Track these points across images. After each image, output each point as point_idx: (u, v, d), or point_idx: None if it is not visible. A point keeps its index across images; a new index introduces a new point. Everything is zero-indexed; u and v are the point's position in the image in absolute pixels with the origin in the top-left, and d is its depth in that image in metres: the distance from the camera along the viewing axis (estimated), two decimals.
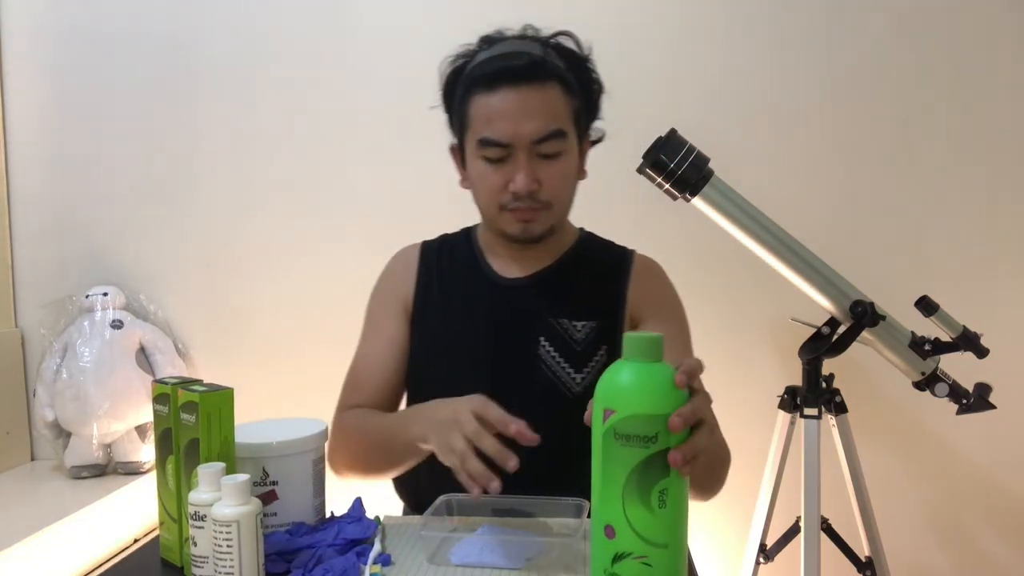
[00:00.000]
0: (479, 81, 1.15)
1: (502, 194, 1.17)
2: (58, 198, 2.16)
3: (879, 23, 1.95)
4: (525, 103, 1.13)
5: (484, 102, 1.15)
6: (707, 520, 1.98)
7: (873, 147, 1.97)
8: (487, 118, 1.14)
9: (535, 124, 1.13)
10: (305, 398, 1.66)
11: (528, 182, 1.14)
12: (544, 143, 1.14)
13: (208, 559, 0.86)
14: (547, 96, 1.14)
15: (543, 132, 1.13)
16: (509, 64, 1.14)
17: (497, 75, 1.14)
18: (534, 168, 1.15)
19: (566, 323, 1.22)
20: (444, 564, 0.94)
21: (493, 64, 1.15)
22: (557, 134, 1.14)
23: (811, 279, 1.51)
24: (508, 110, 1.13)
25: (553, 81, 1.15)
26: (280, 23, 2.09)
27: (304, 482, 1.02)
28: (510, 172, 1.15)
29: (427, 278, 1.32)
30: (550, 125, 1.14)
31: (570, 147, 1.18)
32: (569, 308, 1.23)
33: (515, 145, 1.14)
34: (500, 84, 1.13)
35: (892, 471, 1.99)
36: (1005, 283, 1.96)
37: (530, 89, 1.13)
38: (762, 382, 1.95)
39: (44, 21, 2.14)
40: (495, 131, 1.14)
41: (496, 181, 1.17)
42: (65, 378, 1.96)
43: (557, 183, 1.18)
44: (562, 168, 1.18)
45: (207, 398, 0.92)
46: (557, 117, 1.15)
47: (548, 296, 1.24)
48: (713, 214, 1.46)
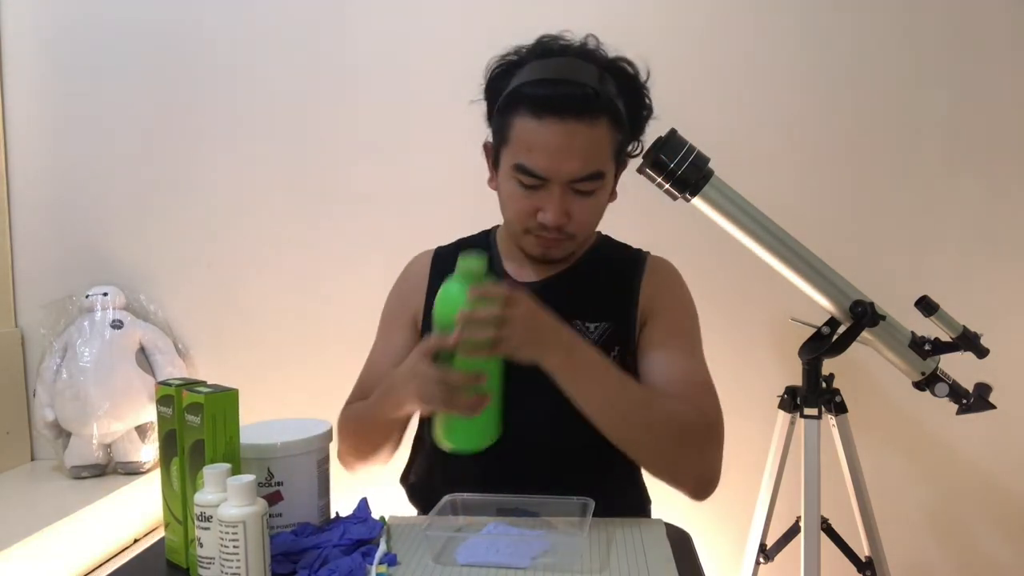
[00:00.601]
0: (526, 102, 1.10)
1: (529, 219, 1.15)
2: (58, 198, 2.16)
3: (879, 23, 1.95)
4: (570, 141, 1.08)
5: (528, 127, 1.10)
6: (707, 520, 1.99)
7: (873, 147, 1.97)
8: (528, 145, 1.10)
9: (576, 164, 1.10)
10: (305, 398, 1.66)
11: (559, 217, 1.12)
12: (581, 183, 1.12)
13: (214, 560, 0.86)
14: (593, 135, 1.10)
15: (583, 173, 1.11)
16: (560, 93, 1.08)
17: (546, 104, 1.08)
18: (567, 202, 1.13)
19: (579, 324, 1.21)
20: (450, 564, 0.94)
21: (544, 89, 1.10)
22: (596, 176, 1.12)
23: (811, 279, 1.51)
24: (551, 145, 1.09)
25: (603, 116, 1.10)
26: (280, 23, 2.09)
27: (309, 483, 1.03)
28: (541, 201, 1.13)
29: (438, 284, 1.32)
30: (591, 167, 1.11)
31: (607, 183, 1.16)
32: (583, 310, 1.23)
33: (552, 180, 1.11)
34: (547, 114, 1.08)
35: (892, 471, 2.00)
36: (1005, 283, 1.96)
37: (578, 125, 1.08)
38: (762, 382, 1.95)
39: (44, 21, 2.14)
40: (533, 162, 1.10)
41: (526, 206, 1.15)
42: (65, 378, 1.96)
43: (587, 218, 1.17)
44: (595, 204, 1.16)
45: (212, 399, 0.92)
46: (599, 158, 1.12)
47: (562, 298, 1.22)
48: (713, 214, 1.47)
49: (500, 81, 1.18)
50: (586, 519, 0.99)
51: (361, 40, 2.07)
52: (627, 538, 1.03)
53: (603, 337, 1.22)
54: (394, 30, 2.06)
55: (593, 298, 1.25)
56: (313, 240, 2.11)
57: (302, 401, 2.01)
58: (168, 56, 2.12)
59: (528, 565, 0.92)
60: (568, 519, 1.03)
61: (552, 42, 1.17)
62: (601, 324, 1.22)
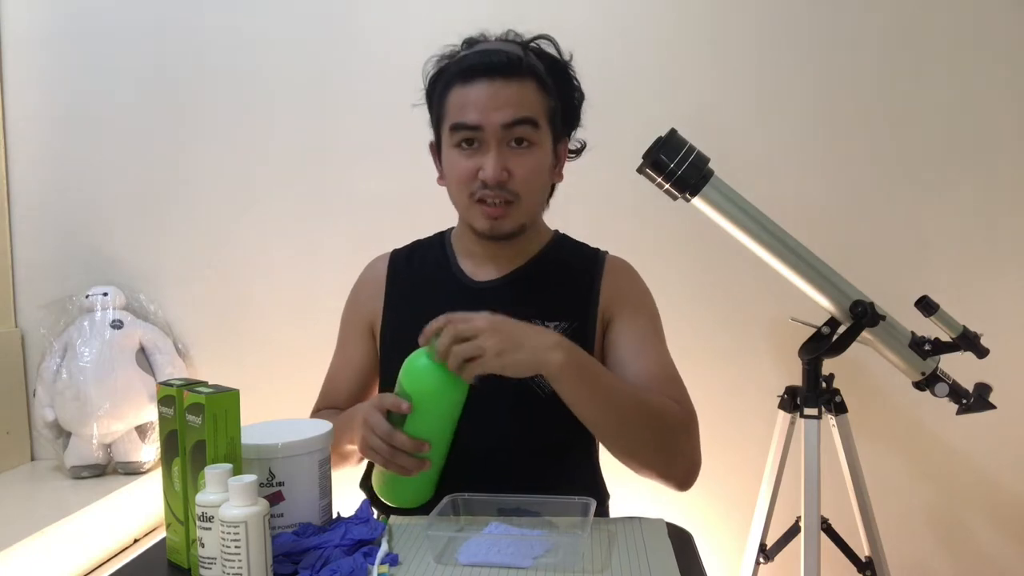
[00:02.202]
0: (457, 75, 1.17)
1: (472, 182, 1.18)
2: (58, 198, 2.16)
3: (879, 23, 1.96)
4: (497, 93, 1.15)
5: (459, 93, 1.17)
6: (708, 519, 1.99)
7: (873, 147, 1.97)
8: (461, 106, 1.16)
9: (506, 111, 1.14)
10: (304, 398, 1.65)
11: (497, 170, 1.15)
12: (514, 128, 1.15)
13: (216, 560, 0.86)
14: (522, 89, 1.16)
15: (513, 117, 1.14)
16: (486, 60, 1.16)
17: (473, 69, 1.16)
18: (504, 158, 1.16)
19: (539, 323, 1.20)
20: (451, 564, 0.94)
21: (470, 59, 1.18)
22: (527, 120, 1.15)
23: (811, 279, 1.51)
24: (481, 98, 1.15)
25: (529, 79, 1.17)
26: (279, 23, 2.09)
27: (310, 483, 1.02)
28: (481, 160, 1.16)
29: (396, 289, 1.34)
30: (521, 112, 1.15)
31: (542, 139, 1.18)
32: (542, 309, 1.23)
33: (485, 129, 1.14)
34: (476, 77, 1.15)
35: (892, 471, 2.00)
36: (1005, 283, 1.96)
37: (505, 82, 1.15)
38: (762, 382, 1.95)
39: (44, 22, 2.14)
40: (467, 116, 1.15)
41: (467, 168, 1.17)
42: (65, 378, 1.96)
43: (527, 174, 1.17)
44: (533, 160, 1.18)
45: (213, 400, 0.92)
46: (529, 107, 1.16)
47: (520, 297, 1.25)
48: (713, 214, 1.47)
49: (435, 80, 1.24)
50: (587, 519, 0.99)
51: (362, 40, 2.07)
52: (628, 538, 1.03)
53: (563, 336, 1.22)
54: (395, 30, 2.06)
55: (552, 297, 1.25)
56: (313, 240, 2.11)
57: (303, 401, 2.00)
58: (168, 56, 2.12)
59: (530, 565, 0.92)
60: (569, 519, 1.04)
61: (478, 37, 1.25)
62: (560, 324, 1.23)
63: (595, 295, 1.26)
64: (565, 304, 1.25)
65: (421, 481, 1.07)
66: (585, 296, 1.26)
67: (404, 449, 1.02)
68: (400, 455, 1.02)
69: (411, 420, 1.02)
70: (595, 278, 1.27)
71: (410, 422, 1.02)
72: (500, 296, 1.25)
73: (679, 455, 1.14)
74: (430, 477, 1.08)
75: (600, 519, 1.04)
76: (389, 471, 1.06)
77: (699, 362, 1.84)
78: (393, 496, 1.10)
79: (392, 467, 1.03)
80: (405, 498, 1.10)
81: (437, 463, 1.07)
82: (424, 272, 1.33)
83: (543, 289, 1.26)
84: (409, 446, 1.02)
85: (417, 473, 1.03)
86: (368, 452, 1.05)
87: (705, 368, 1.91)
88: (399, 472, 1.04)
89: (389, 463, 1.03)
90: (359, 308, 1.38)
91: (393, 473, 1.06)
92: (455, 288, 1.28)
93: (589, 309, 1.25)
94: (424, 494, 1.10)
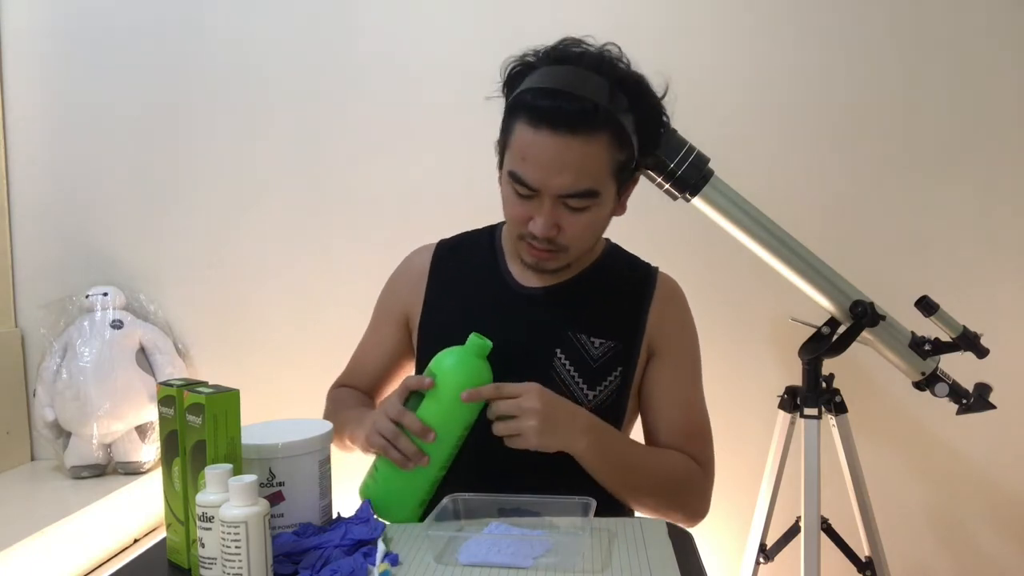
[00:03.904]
0: (525, 111, 1.08)
1: (522, 226, 1.14)
2: (58, 198, 2.16)
3: (879, 23, 1.96)
4: (562, 155, 1.06)
5: (524, 136, 1.08)
6: (707, 520, 1.98)
7: (873, 147, 1.97)
8: (523, 154, 1.08)
9: (566, 179, 1.07)
10: (305, 398, 1.66)
11: (547, 229, 1.11)
12: (572, 199, 1.09)
13: (216, 560, 0.86)
14: (588, 151, 1.06)
15: (572, 190, 1.08)
16: (558, 106, 1.05)
17: (543, 115, 1.05)
18: (558, 215, 1.10)
19: (583, 338, 1.21)
20: (451, 564, 0.94)
21: (544, 100, 1.06)
22: (588, 193, 1.09)
23: (811, 279, 1.51)
24: (542, 157, 1.06)
25: (602, 133, 1.06)
26: (280, 22, 2.09)
27: (311, 483, 1.02)
28: (533, 210, 1.11)
29: (438, 281, 1.32)
30: (581, 184, 1.08)
31: (603, 200, 1.12)
32: (588, 323, 1.22)
33: (542, 192, 1.09)
34: (543, 125, 1.05)
35: (892, 471, 2.00)
36: (1005, 283, 1.96)
37: (572, 140, 1.05)
38: (762, 382, 1.95)
39: (44, 21, 2.14)
40: (525, 172, 1.08)
41: (519, 213, 1.13)
42: (65, 378, 1.96)
43: (578, 232, 1.13)
44: (587, 220, 1.13)
45: (213, 400, 0.92)
46: (593, 175, 1.08)
47: (568, 308, 1.22)
48: (713, 214, 1.47)
49: (514, 82, 1.15)
50: (588, 519, 0.99)
51: (364, 40, 2.07)
52: (629, 538, 1.03)
53: (607, 355, 1.21)
54: (397, 29, 2.06)
55: (598, 312, 1.23)
56: (314, 240, 2.11)
57: (303, 401, 2.01)
58: (169, 56, 2.12)
59: (530, 565, 0.92)
60: (570, 519, 1.04)
61: (568, 48, 1.12)
62: (606, 342, 1.22)
63: (643, 319, 1.24)
64: (612, 323, 1.23)
65: (415, 488, 1.08)
66: (633, 318, 1.24)
67: (411, 429, 1.03)
68: (403, 439, 1.04)
69: (424, 407, 1.05)
70: (645, 299, 1.26)
71: (424, 408, 1.05)
72: (548, 304, 1.22)
73: (691, 509, 1.21)
74: (423, 486, 1.08)
75: (600, 519, 1.04)
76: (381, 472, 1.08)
77: None
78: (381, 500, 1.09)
79: (392, 454, 1.04)
80: (389, 503, 1.09)
81: (432, 471, 1.07)
82: (470, 268, 1.31)
83: (590, 304, 1.24)
84: (416, 427, 1.03)
85: (413, 466, 1.05)
86: (373, 438, 1.06)
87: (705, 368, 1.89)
88: (397, 461, 1.05)
89: (390, 448, 1.04)
90: (396, 296, 1.37)
91: (384, 470, 1.08)
92: (500, 291, 1.26)
93: (636, 332, 1.24)
94: (408, 509, 1.09)
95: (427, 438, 1.04)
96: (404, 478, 1.07)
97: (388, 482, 1.08)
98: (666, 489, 1.19)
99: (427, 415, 1.04)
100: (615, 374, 1.21)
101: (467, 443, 1.10)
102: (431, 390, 1.05)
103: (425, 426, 1.03)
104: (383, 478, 1.09)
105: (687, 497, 1.21)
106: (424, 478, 1.08)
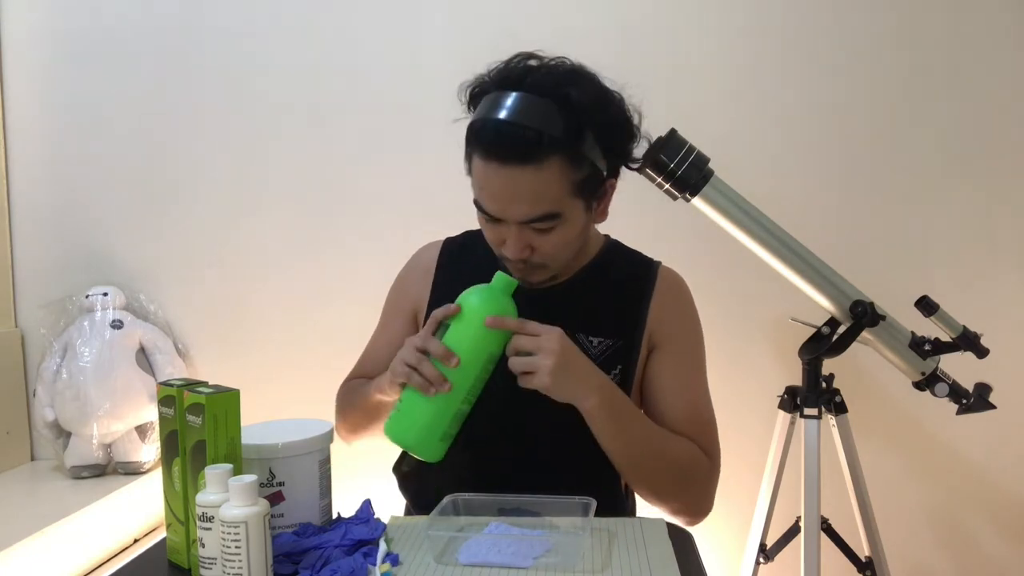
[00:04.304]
0: (475, 143, 1.08)
1: (498, 247, 1.15)
2: (58, 198, 2.16)
3: (880, 23, 1.96)
4: (514, 185, 1.05)
5: (479, 167, 1.08)
6: (709, 519, 1.98)
7: (874, 147, 1.97)
8: (480, 184, 1.09)
9: (522, 208, 1.07)
10: (306, 398, 1.66)
11: (518, 252, 1.11)
12: (535, 223, 1.08)
13: (216, 560, 0.86)
14: (540, 177, 1.04)
15: (530, 216, 1.07)
16: (502, 140, 1.04)
17: (489, 149, 1.06)
18: (527, 237, 1.10)
19: (582, 338, 1.20)
20: (452, 564, 0.94)
21: (488, 134, 1.06)
22: (547, 217, 1.08)
23: (811, 279, 1.51)
24: (495, 189, 1.07)
25: (552, 159, 1.04)
26: (280, 22, 2.09)
27: (311, 483, 1.03)
28: (503, 234, 1.12)
29: (444, 278, 1.32)
30: (539, 210, 1.07)
31: (568, 219, 1.10)
32: (587, 322, 1.22)
33: (504, 220, 1.10)
34: (492, 159, 1.05)
35: (892, 471, 2.00)
36: (1005, 283, 1.96)
37: (522, 171, 1.04)
38: (762, 382, 1.95)
39: (44, 21, 2.14)
40: (484, 202, 1.10)
41: (492, 235, 1.15)
42: (65, 378, 1.96)
43: (552, 250, 1.13)
44: (558, 239, 1.11)
45: (213, 400, 0.92)
46: (550, 200, 1.07)
47: (567, 307, 1.22)
48: (713, 214, 1.47)
49: (474, 101, 1.14)
50: (588, 519, 0.99)
51: (365, 40, 2.07)
52: (629, 538, 1.03)
53: (605, 353, 1.21)
54: (398, 30, 2.06)
55: (597, 311, 1.23)
56: (314, 240, 2.11)
57: (303, 401, 2.01)
58: (169, 56, 2.12)
59: (530, 565, 0.92)
60: (570, 519, 1.04)
61: (514, 69, 1.10)
62: (604, 340, 1.22)
63: (643, 313, 1.24)
64: (611, 320, 1.23)
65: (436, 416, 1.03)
66: (633, 314, 1.24)
67: (435, 353, 1.01)
68: (427, 363, 1.01)
69: (450, 333, 1.04)
70: (645, 294, 1.25)
71: (449, 335, 1.04)
72: (548, 303, 1.21)
73: (694, 499, 1.19)
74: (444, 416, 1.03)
75: (600, 519, 1.04)
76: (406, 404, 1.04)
77: None
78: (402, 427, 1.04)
79: (415, 379, 1.01)
80: (413, 435, 1.03)
81: (455, 401, 1.03)
82: (473, 265, 1.29)
83: (589, 302, 1.24)
84: (440, 351, 1.01)
85: (435, 392, 1.00)
86: (398, 367, 1.04)
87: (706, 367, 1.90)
88: (420, 386, 1.01)
89: (412, 373, 1.01)
90: (406, 292, 1.38)
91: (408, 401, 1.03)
92: None
93: (637, 328, 1.23)
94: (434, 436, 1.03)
95: (450, 362, 1.01)
96: (427, 407, 1.02)
97: (411, 412, 1.03)
98: (671, 471, 1.15)
99: (451, 342, 1.03)
100: (615, 372, 1.21)
101: (472, 440, 1.09)
102: (456, 318, 1.04)
103: (449, 350, 1.01)
104: (406, 408, 1.04)
105: (691, 485, 1.18)
106: (448, 407, 1.03)
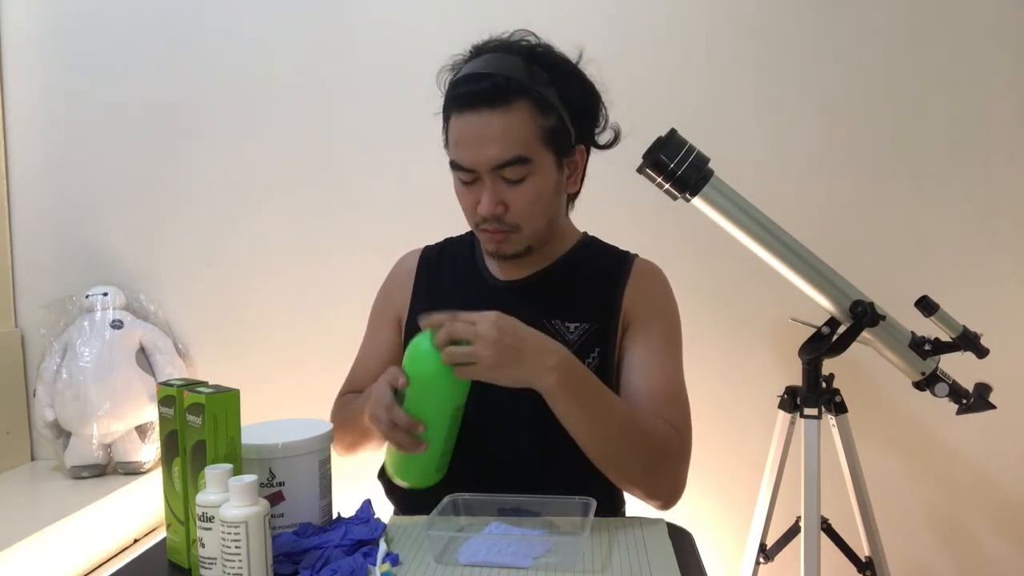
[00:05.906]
0: (451, 102, 1.15)
1: (474, 214, 1.18)
2: (58, 198, 2.16)
3: (879, 23, 1.96)
4: (484, 129, 1.11)
5: (454, 125, 1.15)
6: (707, 520, 1.99)
7: (873, 147, 1.97)
8: (455, 141, 1.14)
9: (493, 151, 1.11)
10: (305, 398, 1.66)
11: (491, 206, 1.14)
12: (505, 169, 1.12)
13: (216, 560, 0.86)
14: (509, 121, 1.11)
15: (501, 159, 1.11)
16: (472, 87, 1.11)
17: (462, 99, 1.12)
18: (500, 192, 1.14)
19: (559, 324, 1.21)
20: (452, 564, 0.94)
21: (461, 87, 1.13)
22: (518, 160, 1.12)
23: (811, 279, 1.51)
24: (468, 136, 1.12)
25: (520, 102, 1.11)
26: (280, 22, 2.09)
27: (311, 483, 1.03)
28: (478, 194, 1.15)
29: (425, 285, 1.34)
30: (509, 152, 1.11)
31: (539, 170, 1.14)
32: (562, 309, 1.23)
33: (479, 170, 1.13)
34: (465, 108, 1.12)
35: (892, 471, 2.00)
36: (1005, 283, 1.96)
37: (491, 114, 1.10)
38: (762, 382, 1.95)
39: (44, 21, 2.14)
40: (459, 156, 1.14)
41: (468, 201, 1.18)
42: (65, 378, 1.96)
43: (524, 207, 1.15)
44: (530, 192, 1.15)
45: (213, 400, 0.92)
46: (520, 143, 1.12)
47: (542, 297, 1.24)
48: (713, 214, 1.47)
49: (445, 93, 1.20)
50: (588, 519, 0.99)
51: (363, 40, 2.07)
52: (629, 538, 1.03)
53: (582, 337, 1.22)
54: (397, 29, 2.06)
55: (573, 298, 1.25)
56: (313, 240, 2.11)
57: (303, 401, 2.01)
58: (169, 56, 2.12)
59: (530, 565, 0.92)
60: (570, 519, 1.04)
61: (483, 44, 1.19)
62: (581, 324, 1.22)
63: (618, 298, 1.24)
64: (587, 306, 1.24)
65: (424, 461, 1.06)
66: (609, 299, 1.24)
67: (400, 425, 1.01)
68: (397, 431, 1.02)
69: (409, 399, 1.02)
70: (620, 281, 1.26)
71: (409, 401, 1.02)
72: (523, 295, 1.25)
73: (665, 479, 1.14)
74: (432, 460, 1.06)
75: (600, 519, 1.04)
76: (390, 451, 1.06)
77: (699, 362, 1.83)
78: (396, 471, 1.09)
79: (392, 443, 1.03)
80: (408, 476, 1.08)
81: (437, 446, 1.05)
82: (452, 269, 1.34)
83: (567, 290, 1.26)
84: (404, 423, 1.01)
85: (414, 452, 1.03)
86: (372, 420, 1.05)
87: (705, 368, 1.90)
88: (397, 448, 1.04)
89: (387, 436, 1.03)
90: (389, 301, 1.40)
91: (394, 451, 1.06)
92: (477, 286, 1.29)
93: (612, 312, 1.24)
94: (427, 476, 1.08)
95: (417, 431, 1.02)
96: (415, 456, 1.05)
97: (400, 457, 1.07)
98: (640, 448, 1.11)
99: (413, 408, 1.02)
100: (593, 355, 1.21)
101: (467, 444, 1.10)
102: (410, 385, 1.02)
103: (413, 422, 1.01)
104: (393, 454, 1.08)
105: (663, 461, 1.14)
106: (432, 452, 1.05)
